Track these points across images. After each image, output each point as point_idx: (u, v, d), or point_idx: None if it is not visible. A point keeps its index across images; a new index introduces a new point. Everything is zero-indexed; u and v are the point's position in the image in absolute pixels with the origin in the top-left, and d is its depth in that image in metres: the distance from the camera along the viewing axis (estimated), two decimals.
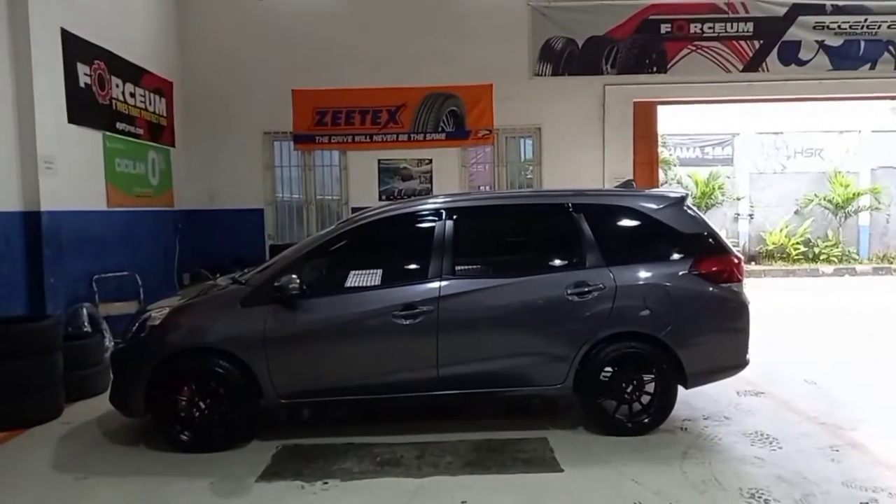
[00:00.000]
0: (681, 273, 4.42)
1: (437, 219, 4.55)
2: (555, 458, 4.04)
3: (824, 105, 13.98)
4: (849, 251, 16.02)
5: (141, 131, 8.29)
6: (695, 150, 17.09)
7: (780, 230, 16.18)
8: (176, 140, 9.32)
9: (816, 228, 16.30)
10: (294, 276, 4.23)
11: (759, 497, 3.48)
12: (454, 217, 4.55)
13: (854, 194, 16.11)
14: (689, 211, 4.64)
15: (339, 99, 9.89)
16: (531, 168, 10.23)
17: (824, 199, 16.31)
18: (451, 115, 9.98)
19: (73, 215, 6.60)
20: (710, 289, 4.41)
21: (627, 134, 10.07)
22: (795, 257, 15.72)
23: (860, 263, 15.50)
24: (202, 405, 4.28)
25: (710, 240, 4.56)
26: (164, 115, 9.03)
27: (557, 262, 4.61)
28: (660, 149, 11.78)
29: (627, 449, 4.18)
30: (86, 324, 6.33)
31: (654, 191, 5.05)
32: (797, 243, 15.95)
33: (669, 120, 12.48)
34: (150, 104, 8.56)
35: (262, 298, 4.28)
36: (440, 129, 9.98)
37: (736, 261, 4.53)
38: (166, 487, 3.76)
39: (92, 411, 5.13)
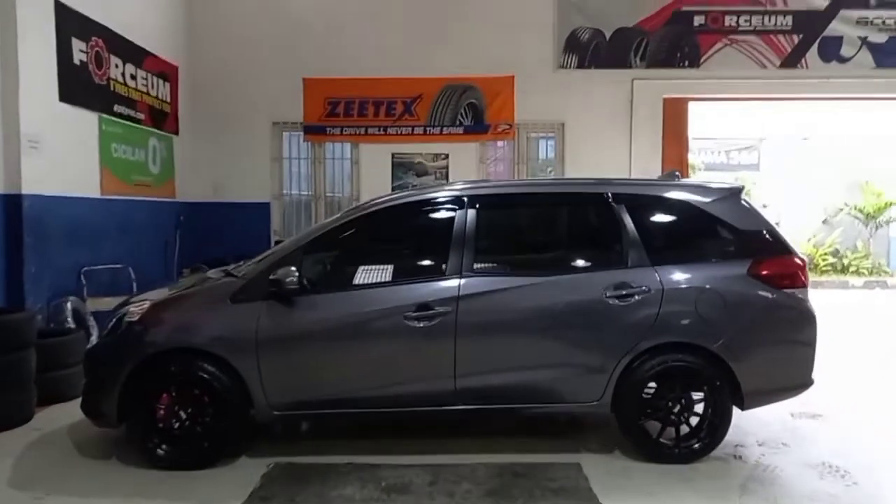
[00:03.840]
0: (737, 275, 3.82)
1: (457, 207, 3.98)
2: (591, 490, 3.45)
3: (858, 109, 13.28)
4: (879, 263, 15.29)
5: (142, 116, 7.79)
6: (720, 155, 16.46)
7: (808, 240, 15.47)
8: (180, 128, 8.82)
9: (845, 239, 15.59)
10: (293, 268, 3.68)
11: None
12: (477, 206, 3.98)
13: (886, 204, 15.38)
14: (747, 204, 4.05)
15: (352, 89, 9.36)
16: (551, 169, 9.64)
17: (854, 209, 15.60)
18: (470, 108, 9.42)
19: (60, 201, 6.09)
20: (772, 294, 3.82)
21: (656, 133, 9.46)
22: (823, 268, 15.02)
23: (890, 276, 14.77)
24: (183, 415, 3.73)
25: (771, 238, 3.97)
26: (168, 100, 8.53)
27: (594, 259, 4.03)
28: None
29: (675, 479, 3.59)
30: (69, 319, 5.81)
31: (707, 181, 4.46)
32: (825, 254, 15.24)
33: (695, 122, 11.90)
34: (152, 88, 8.06)
35: (256, 293, 3.73)
36: (458, 122, 9.42)
37: (800, 263, 3.94)
38: None
39: (67, 416, 4.59)
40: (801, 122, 15.05)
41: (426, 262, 4.09)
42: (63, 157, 6.17)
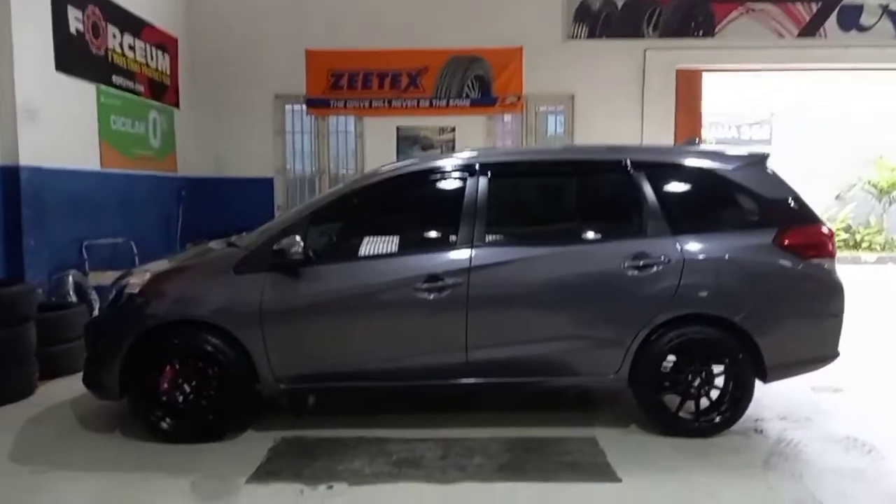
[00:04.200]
0: (762, 245, 3.66)
1: (468, 176, 3.81)
2: (608, 464, 3.33)
3: (875, 81, 12.97)
4: (892, 238, 15.05)
5: (141, 88, 7.61)
6: (731, 130, 16.15)
7: (820, 216, 15.20)
8: (181, 100, 8.64)
9: (858, 214, 15.33)
10: (297, 238, 3.54)
11: None
12: (489, 174, 3.81)
13: None
14: (771, 172, 3.88)
15: (356, 61, 9.13)
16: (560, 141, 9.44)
17: (868, 184, 15.32)
18: (477, 80, 9.19)
19: (59, 174, 5.95)
20: (798, 264, 3.66)
21: (669, 105, 9.23)
22: (836, 244, 14.78)
23: None
24: (187, 388, 3.61)
25: (797, 206, 3.81)
26: (168, 72, 8.34)
27: (612, 229, 3.86)
28: None
29: (693, 454, 3.46)
30: (71, 293, 5.70)
31: (730, 149, 4.28)
32: (838, 230, 14.99)
33: (706, 97, 11.63)
34: (151, 59, 7.87)
35: (259, 264, 3.59)
36: (465, 94, 9.19)
37: (827, 232, 3.78)
38: (137, 486, 3.11)
39: (69, 391, 4.49)
40: (814, 96, 14.76)
41: (436, 233, 3.93)
42: (61, 128, 6.02)
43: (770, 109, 15.84)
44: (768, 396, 4.20)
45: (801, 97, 14.82)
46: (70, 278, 5.82)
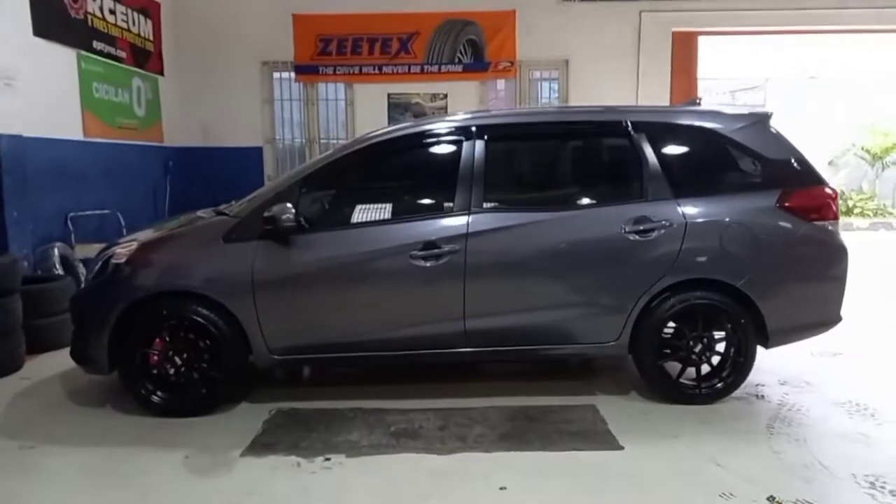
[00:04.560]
0: (765, 207, 3.57)
1: (465, 138, 3.68)
2: (609, 432, 3.28)
3: (870, 45, 12.78)
4: (884, 204, 15.05)
5: (123, 54, 7.36)
6: (725, 96, 15.98)
7: None
8: (165, 68, 8.38)
9: (851, 180, 15.30)
10: (289, 205, 3.42)
11: (882, 487, 2.72)
12: (486, 137, 3.68)
13: (893, 145, 15.03)
14: (774, 131, 3.77)
15: (344, 25, 8.88)
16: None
17: (861, 149, 15.25)
18: (470, 45, 8.97)
19: (41, 143, 5.76)
20: (801, 227, 3.57)
21: (665, 68, 9.07)
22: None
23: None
24: (178, 361, 3.52)
25: (801, 167, 3.70)
26: (151, 38, 8.07)
27: (612, 192, 3.76)
28: None
29: (695, 420, 3.42)
30: (57, 265, 5.56)
31: (732, 108, 4.15)
32: None
33: (700, 61, 11.45)
34: (133, 24, 7.60)
35: (250, 232, 3.48)
36: (457, 60, 8.98)
37: (832, 193, 3.69)
38: (129, 461, 3.03)
39: (58, 365, 4.40)
40: (807, 60, 14.57)
41: (432, 198, 3.81)
42: (41, 96, 5.81)
43: (764, 75, 15.64)
44: (767, 361, 4.15)
45: (796, 62, 14.62)
46: (55, 251, 5.67)
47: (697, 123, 3.76)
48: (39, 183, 5.73)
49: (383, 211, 3.72)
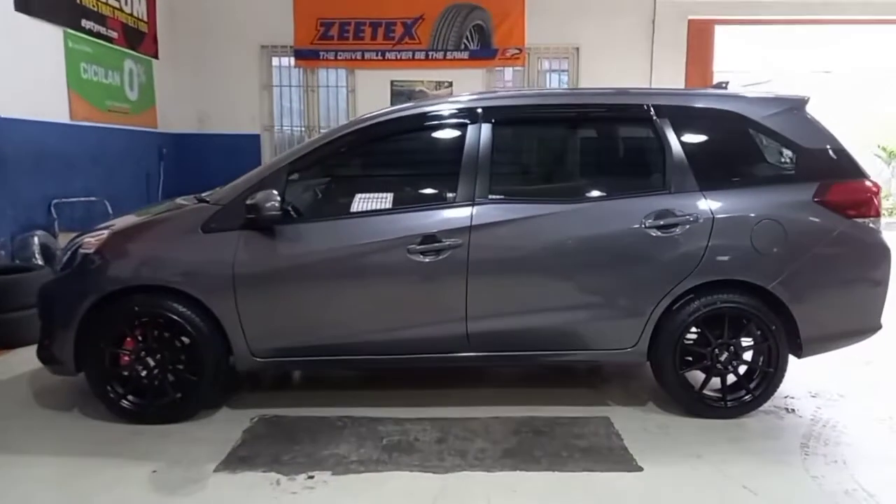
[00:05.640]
0: (801, 202, 3.23)
1: (470, 121, 3.34)
2: (625, 449, 2.95)
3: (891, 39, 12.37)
4: None
5: (114, 34, 7.03)
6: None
7: None
8: (160, 51, 8.05)
9: None
10: (274, 192, 3.09)
11: None
12: (493, 120, 3.34)
13: None
14: (812, 118, 3.42)
15: (346, 8, 8.54)
16: None
17: (877, 147, 14.83)
18: (476, 31, 8.62)
19: (21, 125, 5.45)
20: (840, 224, 3.23)
21: (679, 58, 8.73)
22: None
23: None
24: (151, 362, 3.20)
25: (840, 158, 3.36)
26: (145, 19, 7.74)
27: (631, 183, 3.40)
28: None
29: (721, 437, 3.09)
30: (36, 255, 5.26)
31: (766, 92, 3.80)
32: None
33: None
34: (125, 3, 7.27)
35: (231, 222, 3.15)
36: (463, 46, 8.63)
37: (874, 187, 3.34)
38: (90, 475, 2.72)
39: (30, 362, 4.05)
40: (822, 54, 14.16)
41: (433, 187, 3.48)
42: (23, 75, 5.51)
43: (778, 68, 15.20)
44: (793, 370, 3.79)
45: (810, 56, 14.20)
46: (36, 239, 5.38)
47: (727, 108, 3.41)
48: (19, 167, 5.43)
49: (379, 200, 3.39)
